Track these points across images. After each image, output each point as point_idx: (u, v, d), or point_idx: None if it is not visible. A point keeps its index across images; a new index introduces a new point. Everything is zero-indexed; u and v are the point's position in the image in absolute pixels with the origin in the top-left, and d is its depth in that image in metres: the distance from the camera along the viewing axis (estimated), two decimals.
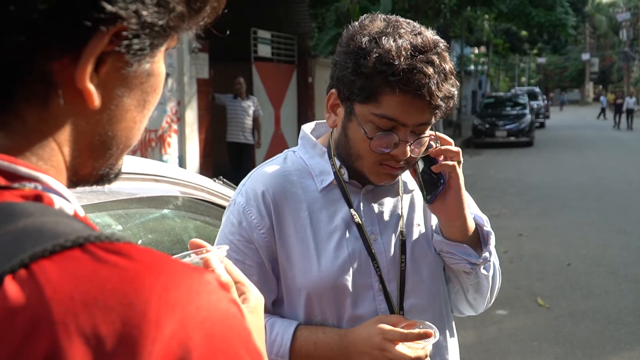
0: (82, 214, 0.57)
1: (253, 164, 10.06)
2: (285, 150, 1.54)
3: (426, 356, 1.33)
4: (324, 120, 1.50)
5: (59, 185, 0.56)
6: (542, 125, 31.24)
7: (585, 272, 6.54)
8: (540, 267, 6.80)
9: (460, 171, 1.39)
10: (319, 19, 16.04)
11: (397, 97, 1.27)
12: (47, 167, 0.56)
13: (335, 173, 1.44)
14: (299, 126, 6.83)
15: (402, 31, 1.30)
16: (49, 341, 0.43)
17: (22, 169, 0.53)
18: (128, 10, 0.52)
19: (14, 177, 0.52)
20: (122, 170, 0.66)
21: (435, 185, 1.38)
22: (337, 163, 1.44)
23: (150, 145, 8.58)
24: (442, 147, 1.39)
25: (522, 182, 13.08)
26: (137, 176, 1.82)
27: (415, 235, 1.47)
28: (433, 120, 1.34)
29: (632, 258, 7.01)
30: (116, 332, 0.44)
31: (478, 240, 1.45)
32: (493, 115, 22.25)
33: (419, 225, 1.49)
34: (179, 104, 9.14)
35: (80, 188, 0.63)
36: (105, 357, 0.43)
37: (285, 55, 12.76)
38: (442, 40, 1.34)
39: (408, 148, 1.33)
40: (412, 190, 1.52)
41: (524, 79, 64.62)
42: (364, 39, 1.30)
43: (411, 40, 1.28)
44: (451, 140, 1.42)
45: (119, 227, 1.77)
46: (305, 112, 13.26)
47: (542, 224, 8.89)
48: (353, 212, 1.42)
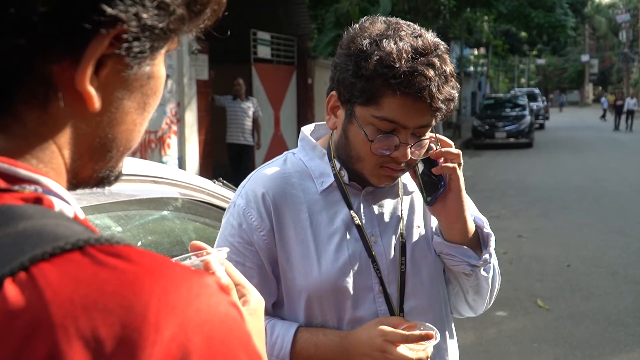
0: (82, 216, 0.57)
1: (253, 165, 10.06)
2: (285, 152, 1.54)
3: (427, 358, 1.33)
4: (323, 121, 1.50)
5: (59, 187, 0.55)
6: (541, 126, 31.25)
7: (584, 274, 6.54)
8: (539, 268, 6.80)
9: (460, 173, 1.39)
10: (318, 20, 16.05)
11: (398, 100, 1.27)
12: (47, 169, 0.56)
13: (335, 175, 1.44)
14: (298, 127, 6.83)
15: (402, 33, 1.30)
16: (49, 344, 0.43)
17: (22, 172, 0.53)
18: (128, 13, 0.52)
19: (14, 179, 0.52)
20: (122, 173, 0.66)
21: (436, 187, 1.38)
22: (337, 165, 1.44)
23: (150, 146, 8.58)
24: (442, 149, 1.39)
25: (522, 183, 13.08)
26: (136, 178, 1.81)
27: (415, 237, 1.47)
28: (433, 122, 1.34)
29: (632, 259, 7.00)
30: (116, 335, 0.44)
31: (478, 242, 1.45)
32: (492, 116, 22.25)
33: (419, 227, 1.49)
34: (178, 105, 9.14)
35: (80, 190, 0.63)
36: None
37: (285, 56, 12.76)
38: (443, 43, 1.34)
39: (409, 150, 1.33)
40: (412, 192, 1.52)
41: (523, 80, 64.67)
42: (364, 42, 1.30)
43: (412, 42, 1.28)
44: (451, 142, 1.42)
45: (119, 229, 1.77)
46: (304, 113, 13.26)
47: (541, 225, 8.89)
48: (353, 214, 1.42)
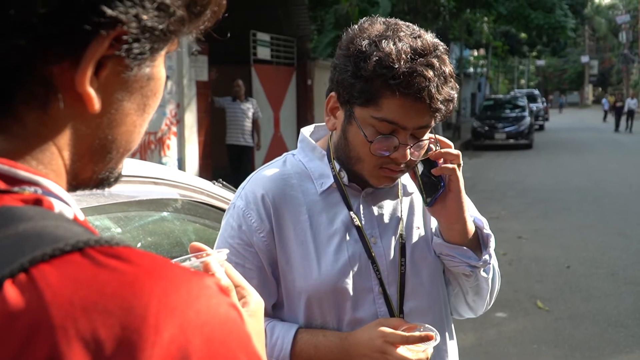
0: (81, 217, 0.57)
1: (252, 166, 10.06)
2: (285, 154, 1.54)
3: (427, 359, 1.33)
4: (323, 122, 1.50)
5: (59, 189, 0.55)
6: (541, 127, 31.26)
7: (584, 275, 6.54)
8: (539, 269, 6.80)
9: (460, 174, 1.39)
10: (318, 21, 16.06)
11: (397, 101, 1.27)
12: (47, 170, 0.56)
13: (334, 176, 1.44)
14: (298, 128, 6.82)
15: (401, 34, 1.30)
16: (49, 345, 0.43)
17: (22, 173, 0.53)
18: (128, 14, 0.52)
19: (14, 181, 0.52)
20: (121, 174, 0.66)
21: (435, 188, 1.38)
22: (337, 166, 1.44)
23: (150, 147, 8.58)
24: (442, 150, 1.39)
25: (522, 184, 13.08)
26: (136, 179, 1.81)
27: (415, 238, 1.47)
28: (433, 123, 1.34)
29: (632, 260, 7.00)
30: (115, 337, 0.44)
31: (478, 243, 1.45)
32: (492, 117, 22.26)
33: (418, 228, 1.49)
34: (178, 106, 9.14)
35: (79, 191, 0.63)
36: None
37: (285, 57, 12.76)
38: (442, 43, 1.34)
39: (408, 151, 1.33)
40: (412, 193, 1.52)
41: (523, 82, 64.69)
42: (363, 42, 1.30)
43: (411, 43, 1.28)
44: (451, 143, 1.42)
45: (118, 230, 1.77)
46: (304, 114, 13.25)
47: (541, 227, 8.89)
48: (353, 215, 1.42)
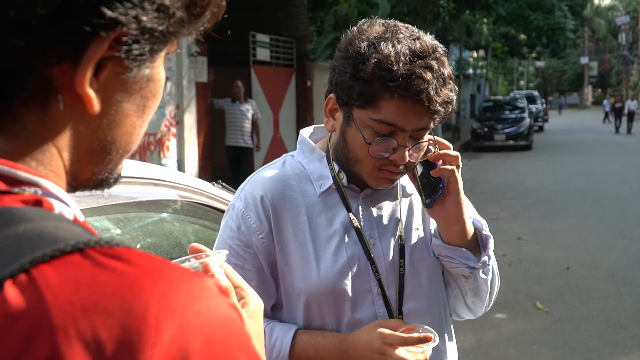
0: (81, 218, 0.57)
1: (252, 167, 10.06)
2: (284, 155, 1.54)
3: None
4: (322, 124, 1.50)
5: (59, 189, 0.56)
6: (540, 129, 31.27)
7: (584, 276, 6.54)
8: (539, 270, 6.79)
9: (459, 175, 1.39)
10: (317, 22, 16.07)
11: (396, 103, 1.27)
12: (47, 171, 0.56)
13: (334, 177, 1.44)
14: (297, 129, 6.82)
15: (400, 36, 1.30)
16: (49, 346, 0.43)
17: (22, 174, 0.53)
18: (128, 15, 0.52)
19: (14, 181, 0.52)
20: (121, 175, 0.66)
21: (434, 190, 1.38)
22: (336, 167, 1.44)
23: (149, 148, 8.57)
24: (440, 152, 1.39)
25: (521, 185, 13.08)
26: (135, 180, 1.82)
27: (414, 240, 1.48)
28: (432, 125, 1.34)
29: (631, 262, 7.00)
30: (116, 337, 0.44)
31: (477, 244, 1.45)
32: (492, 118, 22.28)
33: (417, 229, 1.49)
34: (177, 107, 9.14)
35: (79, 192, 0.63)
36: None
37: (284, 58, 12.76)
38: (441, 45, 1.34)
39: (407, 153, 1.33)
40: (411, 195, 1.52)
41: (522, 83, 64.67)
42: (362, 44, 1.30)
43: (410, 45, 1.28)
44: (450, 145, 1.42)
45: (118, 231, 1.77)
46: (304, 115, 13.25)
47: (541, 228, 8.89)
48: (352, 216, 1.42)
